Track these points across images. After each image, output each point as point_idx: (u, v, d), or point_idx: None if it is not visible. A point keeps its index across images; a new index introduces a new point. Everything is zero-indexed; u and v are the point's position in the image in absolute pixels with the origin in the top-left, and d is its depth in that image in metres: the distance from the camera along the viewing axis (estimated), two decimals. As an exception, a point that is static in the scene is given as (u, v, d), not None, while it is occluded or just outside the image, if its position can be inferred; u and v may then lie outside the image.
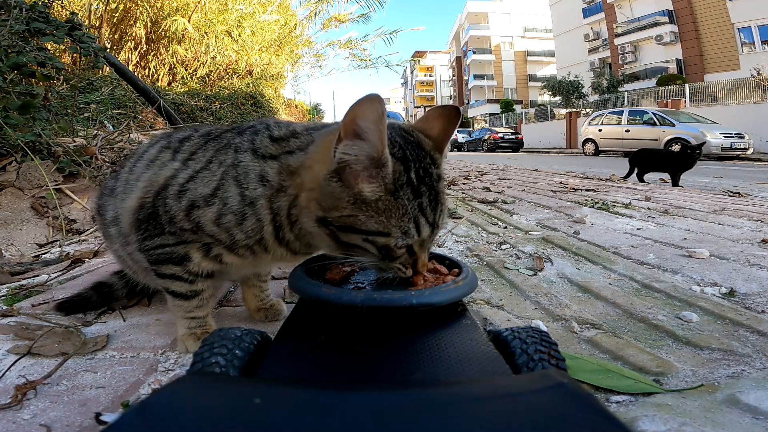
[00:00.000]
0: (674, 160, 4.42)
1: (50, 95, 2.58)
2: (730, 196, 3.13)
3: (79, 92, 3.50)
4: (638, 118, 12.40)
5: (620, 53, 23.56)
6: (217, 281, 0.87)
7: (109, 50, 5.23)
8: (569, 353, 0.78)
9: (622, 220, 2.06)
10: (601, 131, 13.34)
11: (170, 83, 7.34)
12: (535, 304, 1.06)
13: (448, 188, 3.44)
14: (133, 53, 6.75)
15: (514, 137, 20.16)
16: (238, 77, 8.25)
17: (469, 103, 40.62)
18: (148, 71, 6.96)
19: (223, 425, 0.34)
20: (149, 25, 6.63)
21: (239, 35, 7.72)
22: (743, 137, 10.58)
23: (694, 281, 1.17)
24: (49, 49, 2.93)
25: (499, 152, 18.77)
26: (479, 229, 1.95)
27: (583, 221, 1.99)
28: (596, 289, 1.13)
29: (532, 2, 36.17)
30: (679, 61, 20.78)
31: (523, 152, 18.46)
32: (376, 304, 0.63)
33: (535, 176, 4.62)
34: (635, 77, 22.21)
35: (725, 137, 10.41)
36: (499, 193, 3.15)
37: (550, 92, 23.99)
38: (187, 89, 7.09)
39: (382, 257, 0.66)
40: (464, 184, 3.79)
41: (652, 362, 0.75)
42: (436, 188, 0.66)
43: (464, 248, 1.61)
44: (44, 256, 1.65)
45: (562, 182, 3.82)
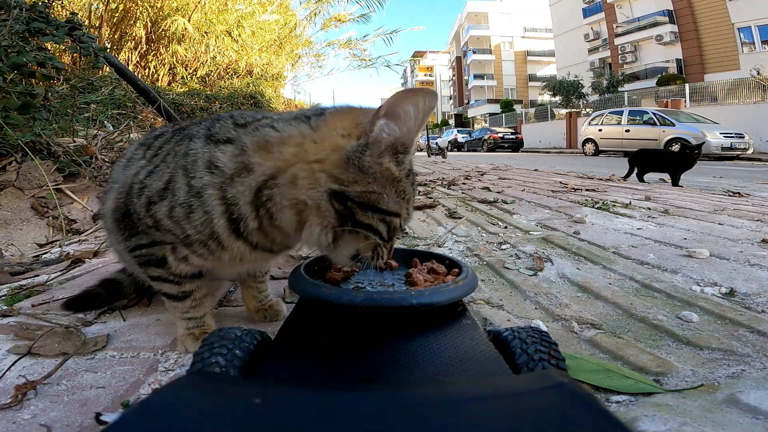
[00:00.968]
0: (674, 160, 4.42)
1: (50, 95, 2.58)
2: (730, 196, 3.13)
3: (79, 92, 3.50)
4: (638, 118, 12.40)
5: (620, 53, 23.56)
6: (208, 281, 0.85)
7: (109, 50, 5.22)
8: (569, 353, 0.78)
9: (622, 220, 2.06)
10: (601, 131, 13.34)
11: (170, 83, 7.34)
12: (535, 304, 1.06)
13: (448, 188, 3.45)
14: (133, 53, 6.75)
15: (514, 137, 20.16)
16: (238, 77, 8.25)
17: (469, 103, 40.63)
18: (148, 71, 6.96)
19: (223, 425, 0.34)
20: (149, 25, 6.63)
21: (239, 35, 7.72)
22: (743, 137, 10.58)
23: (694, 281, 1.17)
24: (49, 49, 2.93)
25: (499, 152, 18.77)
26: (479, 229, 1.95)
27: (583, 221, 1.99)
28: (596, 289, 1.13)
29: (532, 2, 36.17)
30: (679, 61, 20.78)
31: (523, 152, 18.46)
32: (376, 304, 0.63)
33: (535, 176, 4.62)
34: (635, 77, 22.21)
35: (725, 137, 10.41)
36: (499, 193, 3.15)
37: (550, 92, 23.99)
38: (187, 89, 7.09)
39: (387, 239, 0.67)
40: (464, 184, 3.79)
41: (652, 362, 0.75)
42: (415, 178, 0.72)
43: (464, 248, 1.60)
44: (44, 256, 1.65)
45: (562, 182, 3.82)
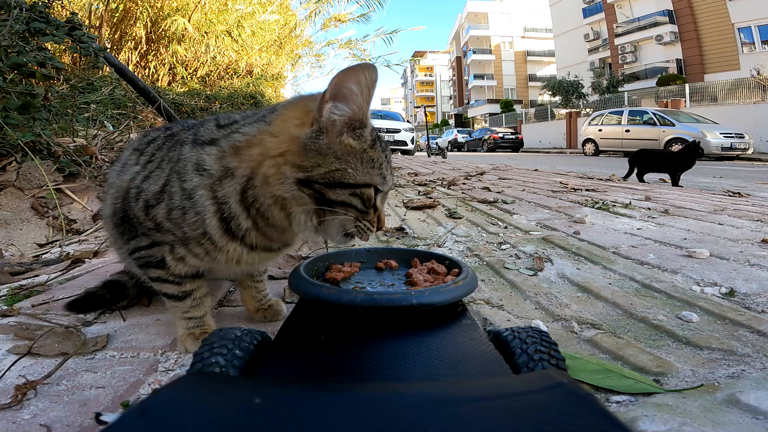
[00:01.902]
0: (674, 160, 4.42)
1: (50, 95, 2.58)
2: (730, 196, 3.13)
3: (79, 92, 3.50)
4: (638, 118, 12.41)
5: (620, 53, 23.56)
6: (209, 281, 0.86)
7: (109, 50, 5.22)
8: (569, 353, 0.78)
9: (622, 220, 2.06)
10: (601, 131, 13.34)
11: (170, 83, 7.34)
12: (535, 304, 1.06)
13: (448, 188, 3.46)
14: (133, 53, 6.74)
15: (514, 137, 20.17)
16: (238, 77, 8.24)
17: (469, 103, 40.63)
18: (148, 71, 6.96)
19: (223, 425, 0.34)
20: (149, 25, 6.63)
21: (239, 35, 7.71)
22: (743, 137, 10.58)
23: (694, 281, 1.17)
24: (49, 49, 2.93)
25: (499, 152, 18.77)
26: (479, 229, 1.95)
27: (583, 221, 1.99)
28: (596, 289, 1.13)
29: (532, 2, 36.18)
30: (679, 61, 20.78)
31: (523, 152, 18.46)
32: (376, 304, 0.63)
33: (535, 176, 4.62)
34: (635, 77, 22.22)
35: (725, 137, 10.42)
36: (499, 193, 3.15)
37: (550, 92, 24.00)
38: (187, 89, 7.08)
39: (363, 212, 0.69)
40: (464, 184, 3.79)
41: (652, 362, 0.75)
42: (386, 145, 0.74)
43: (464, 248, 1.60)
44: (44, 256, 1.65)
45: (562, 182, 3.82)
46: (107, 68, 4.18)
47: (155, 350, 0.83)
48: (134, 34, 6.58)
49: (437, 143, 16.98)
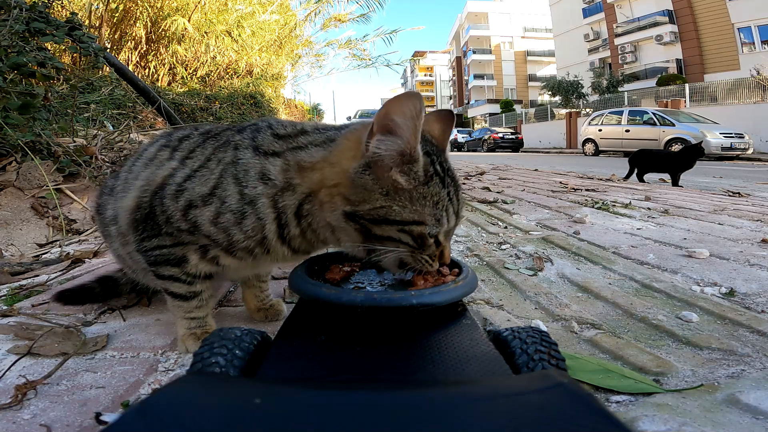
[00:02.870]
0: (674, 160, 4.42)
1: (50, 95, 2.58)
2: (730, 196, 3.13)
3: (79, 92, 3.50)
4: (638, 118, 12.40)
5: (620, 53, 23.55)
6: (216, 282, 0.87)
7: (109, 50, 5.23)
8: (569, 353, 0.78)
9: (622, 220, 2.06)
10: (601, 131, 13.33)
11: (170, 83, 7.34)
12: (535, 304, 1.06)
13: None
14: (133, 53, 6.74)
15: (514, 137, 20.15)
16: (238, 77, 8.24)
17: (469, 103, 40.62)
18: (148, 71, 6.96)
19: (223, 425, 0.34)
20: (149, 25, 6.63)
21: (239, 35, 7.71)
22: (743, 137, 10.57)
23: (694, 281, 1.17)
24: (49, 49, 2.93)
25: (499, 152, 18.76)
26: (479, 229, 1.95)
27: (583, 221, 1.99)
28: (596, 289, 1.13)
29: (532, 2, 36.16)
30: (679, 61, 20.77)
31: (523, 152, 18.46)
32: (376, 304, 0.63)
33: (535, 176, 4.62)
34: (635, 77, 22.20)
35: (725, 137, 10.41)
36: (499, 193, 3.15)
37: (550, 92, 23.97)
38: (187, 89, 7.08)
39: (416, 248, 0.67)
40: (464, 184, 3.79)
41: (652, 362, 0.75)
42: (455, 180, 0.70)
43: (464, 248, 1.60)
44: (44, 256, 1.65)
45: (562, 182, 3.82)
46: (107, 68, 4.18)
47: (155, 350, 0.83)
48: (134, 34, 6.57)
49: (437, 143, 16.93)
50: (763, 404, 0.61)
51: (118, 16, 6.38)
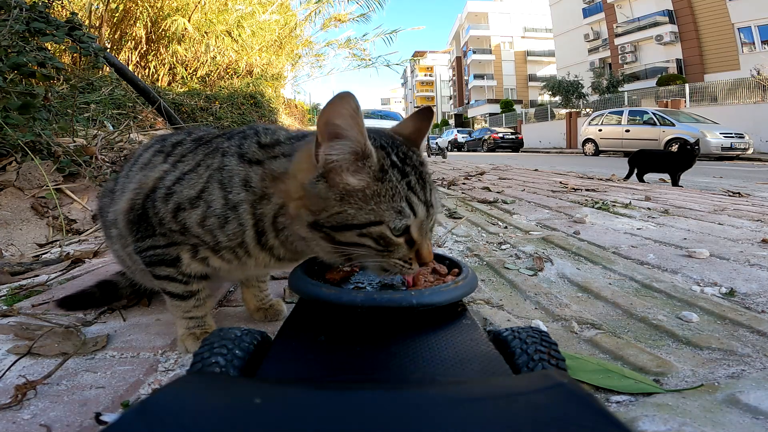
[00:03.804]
0: (674, 160, 4.42)
1: (50, 95, 2.58)
2: (730, 196, 3.13)
3: (79, 92, 3.50)
4: (638, 118, 12.40)
5: (620, 53, 23.55)
6: (214, 282, 0.87)
7: (109, 50, 5.23)
8: (569, 353, 0.78)
9: (622, 220, 2.06)
10: (601, 131, 13.33)
11: (170, 83, 7.34)
12: (535, 304, 1.06)
13: (447, 188, 3.46)
14: (133, 53, 6.74)
15: (514, 137, 20.16)
16: (238, 77, 8.24)
17: (469, 103, 40.64)
18: (148, 71, 6.96)
19: (222, 425, 0.34)
20: (149, 25, 6.63)
21: (239, 35, 7.71)
22: (743, 137, 10.58)
23: (694, 281, 1.17)
24: (49, 49, 2.93)
25: (499, 152, 18.77)
26: (479, 229, 1.95)
27: (583, 221, 1.99)
28: (596, 289, 1.13)
29: (532, 2, 36.17)
30: (679, 61, 20.77)
31: (523, 152, 18.47)
32: (376, 304, 0.63)
33: (535, 176, 4.62)
34: (635, 77, 22.20)
35: (725, 137, 10.41)
36: (499, 193, 3.15)
37: (550, 92, 23.97)
38: (187, 89, 7.08)
39: (381, 250, 0.63)
40: (464, 184, 3.79)
41: (652, 362, 0.75)
42: (419, 169, 0.66)
43: (464, 248, 1.60)
44: (44, 256, 1.65)
45: (562, 182, 3.82)
46: (107, 68, 4.18)
47: (155, 350, 0.83)
48: (134, 34, 6.57)
49: (437, 143, 16.95)
50: (763, 404, 0.61)
51: (118, 16, 6.38)
